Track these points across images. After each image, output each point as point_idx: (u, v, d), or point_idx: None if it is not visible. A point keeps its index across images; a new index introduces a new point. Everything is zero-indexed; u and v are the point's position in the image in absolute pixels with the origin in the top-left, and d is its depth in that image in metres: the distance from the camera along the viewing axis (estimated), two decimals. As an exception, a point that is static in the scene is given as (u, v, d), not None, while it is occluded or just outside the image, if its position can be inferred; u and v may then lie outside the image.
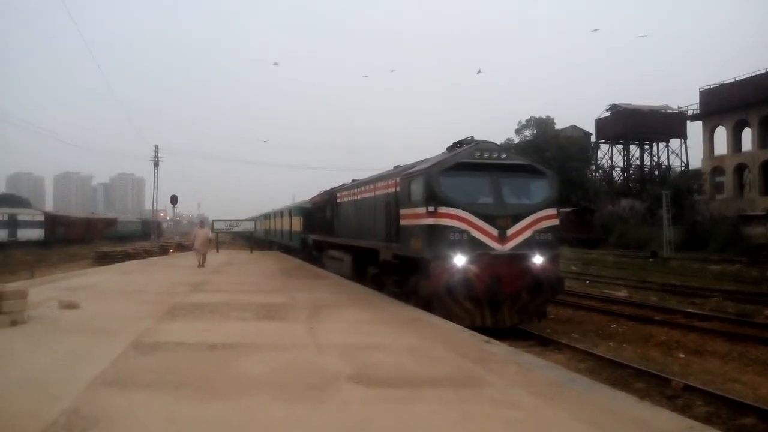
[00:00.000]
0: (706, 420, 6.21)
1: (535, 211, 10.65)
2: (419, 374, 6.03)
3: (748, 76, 41.34)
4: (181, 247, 38.98)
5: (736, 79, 42.43)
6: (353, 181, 18.94)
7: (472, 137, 12.15)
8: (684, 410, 6.64)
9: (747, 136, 44.46)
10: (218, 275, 18.00)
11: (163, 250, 37.29)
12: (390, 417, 4.65)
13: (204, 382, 5.56)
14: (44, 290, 12.38)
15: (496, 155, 11.04)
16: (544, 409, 4.91)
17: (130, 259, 29.36)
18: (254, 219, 49.60)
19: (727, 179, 44.73)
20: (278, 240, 39.79)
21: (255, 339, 7.71)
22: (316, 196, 24.93)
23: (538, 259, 10.40)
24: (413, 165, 12.51)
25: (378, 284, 13.94)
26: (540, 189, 11.17)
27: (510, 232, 10.36)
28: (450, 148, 12.17)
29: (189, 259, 22.99)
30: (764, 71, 39.56)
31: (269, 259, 28.43)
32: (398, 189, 12.40)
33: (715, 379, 8.44)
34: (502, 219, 10.37)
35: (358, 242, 15.66)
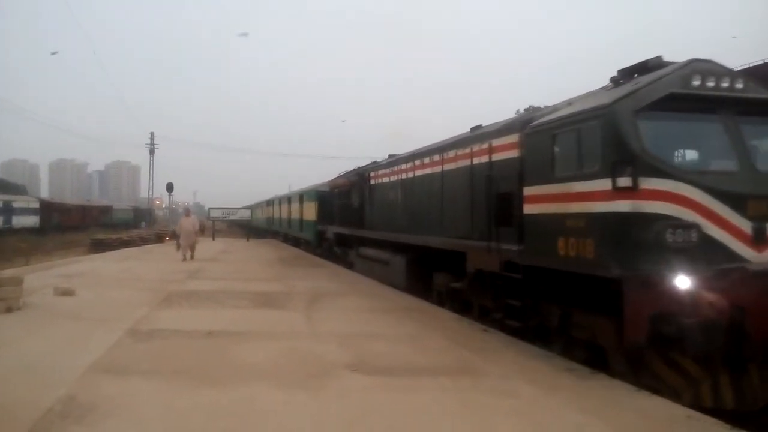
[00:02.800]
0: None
1: None
2: (417, 363, 6.02)
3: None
4: (177, 235, 38.80)
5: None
6: (391, 156, 14.15)
7: (659, 57, 6.48)
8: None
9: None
10: (214, 263, 17.96)
11: (159, 238, 37.16)
12: (389, 405, 4.63)
13: (200, 369, 5.52)
14: (40, 277, 12.31)
15: (726, 84, 6.07)
16: (542, 398, 4.90)
17: (125, 247, 29.27)
18: (252, 207, 49.18)
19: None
20: (284, 230, 34.59)
21: (252, 327, 7.68)
22: (337, 177, 19.94)
23: None
24: (529, 115, 7.75)
25: (462, 305, 9.31)
26: None
27: None
28: (617, 81, 6.60)
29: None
30: (746, 66, 39.58)
31: (266, 248, 28.40)
32: (501, 156, 7.82)
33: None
34: (759, 202, 5.75)
35: (421, 239, 10.73)
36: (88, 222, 58.52)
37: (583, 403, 4.77)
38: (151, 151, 54.18)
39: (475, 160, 8.64)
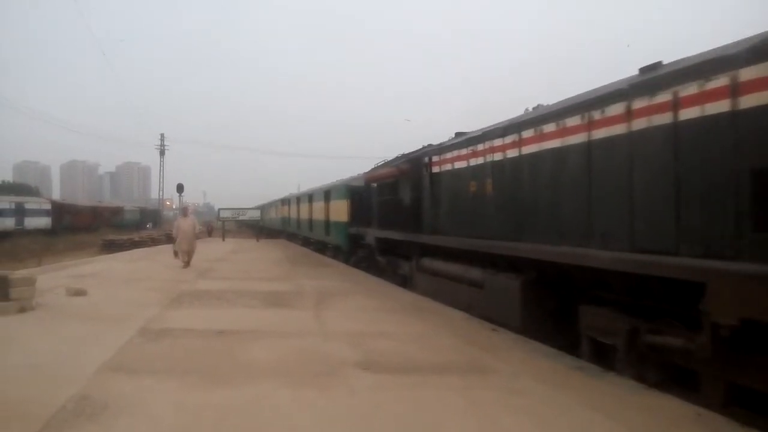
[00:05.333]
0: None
1: None
2: (426, 361, 6.02)
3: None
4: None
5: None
6: (458, 134, 10.44)
7: None
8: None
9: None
10: (224, 263, 18.07)
11: (170, 239, 37.41)
12: (397, 403, 4.64)
13: (211, 368, 5.56)
14: (52, 277, 12.44)
15: None
16: (552, 396, 4.89)
17: (136, 247, 29.49)
18: (264, 207, 48.83)
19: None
20: (304, 233, 29.93)
21: (262, 326, 7.72)
22: (377, 168, 15.62)
23: None
24: None
25: (673, 374, 5.40)
26: None
27: None
28: None
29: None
30: None
31: (275, 247, 28.51)
32: None
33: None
34: None
35: (569, 254, 6.45)
36: (99, 223, 58.97)
37: (592, 401, 4.76)
38: (162, 152, 54.62)
39: (684, 115, 5.13)
